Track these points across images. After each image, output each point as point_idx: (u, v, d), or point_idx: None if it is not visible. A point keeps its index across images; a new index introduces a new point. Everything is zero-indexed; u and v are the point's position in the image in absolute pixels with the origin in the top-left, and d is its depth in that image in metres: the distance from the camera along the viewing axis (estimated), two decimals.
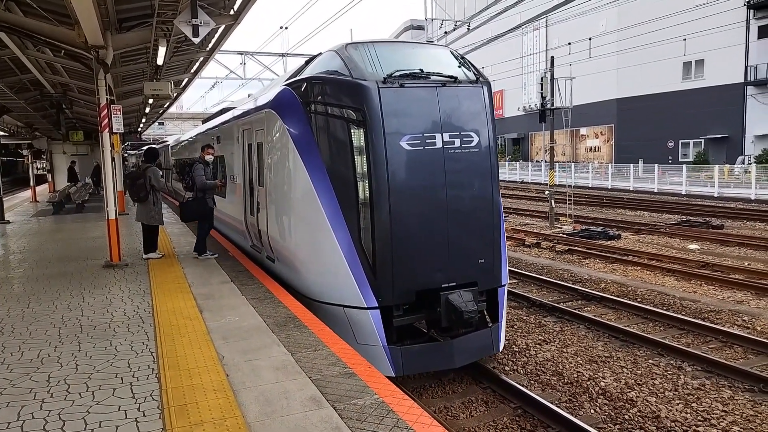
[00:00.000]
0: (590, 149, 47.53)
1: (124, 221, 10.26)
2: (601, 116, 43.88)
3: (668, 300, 9.63)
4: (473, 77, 6.61)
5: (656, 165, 30.61)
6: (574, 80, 19.23)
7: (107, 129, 8.93)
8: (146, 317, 5.94)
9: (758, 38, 33.29)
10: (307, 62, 7.84)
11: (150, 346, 5.00)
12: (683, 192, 27.61)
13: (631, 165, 32.71)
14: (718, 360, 6.82)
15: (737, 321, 8.48)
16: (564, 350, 7.50)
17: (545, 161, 41.18)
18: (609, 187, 32.56)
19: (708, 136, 35.97)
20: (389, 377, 4.59)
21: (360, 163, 5.99)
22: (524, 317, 8.94)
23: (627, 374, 6.68)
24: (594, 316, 8.70)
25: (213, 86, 35.73)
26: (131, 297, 6.84)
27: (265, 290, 6.93)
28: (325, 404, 3.73)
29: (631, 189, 30.84)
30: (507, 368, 6.95)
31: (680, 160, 35.64)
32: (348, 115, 6.09)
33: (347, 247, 6.03)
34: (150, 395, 3.97)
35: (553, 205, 18.94)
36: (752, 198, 24.16)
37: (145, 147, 15.27)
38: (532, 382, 6.57)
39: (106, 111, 8.92)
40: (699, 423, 5.49)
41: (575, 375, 6.69)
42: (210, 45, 12.99)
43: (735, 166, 30.05)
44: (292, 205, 6.98)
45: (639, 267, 12.19)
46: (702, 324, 8.15)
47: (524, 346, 7.67)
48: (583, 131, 47.07)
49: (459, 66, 6.73)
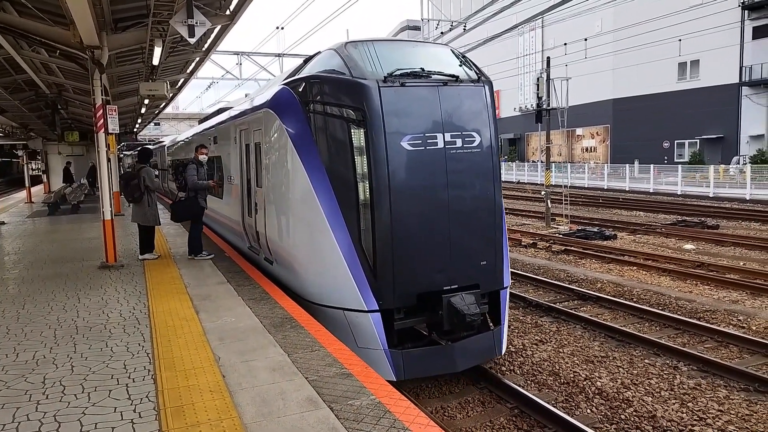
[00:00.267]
0: (586, 149, 47.67)
1: (120, 222, 10.21)
2: (597, 116, 44.04)
3: (664, 300, 9.66)
4: (475, 76, 6.51)
5: (652, 165, 30.72)
6: (570, 81, 19.31)
7: (103, 129, 8.89)
8: (142, 318, 5.92)
9: (753, 39, 33.48)
10: (306, 61, 7.73)
11: (146, 348, 4.98)
12: (679, 192, 27.70)
13: (627, 165, 32.82)
14: (714, 360, 6.84)
15: (732, 321, 8.51)
16: (560, 350, 7.52)
17: (541, 161, 41.28)
18: (605, 188, 32.63)
19: (703, 137, 36.15)
20: (390, 381, 4.50)
21: (360, 164, 5.87)
22: (521, 317, 8.95)
23: (623, 374, 6.69)
24: (590, 316, 8.72)
25: (209, 87, 35.58)
26: (127, 298, 6.81)
27: (262, 291, 6.91)
28: (322, 405, 3.73)
29: (627, 189, 30.93)
30: (504, 368, 6.96)
31: (676, 161, 35.77)
32: (348, 115, 5.98)
33: (347, 249, 5.91)
34: (146, 396, 3.96)
35: (550, 206, 18.98)
36: (747, 198, 24.25)
37: (139, 147, 15.20)
38: (529, 382, 6.58)
39: (102, 111, 8.88)
40: (695, 422, 5.51)
41: (572, 375, 6.71)
42: (206, 45, 12.97)
43: (730, 167, 30.20)
44: (291, 206, 6.85)
45: (635, 267, 12.22)
46: (698, 324, 8.18)
47: (521, 347, 7.68)
48: (579, 131, 47.23)
49: (460, 65, 6.62)
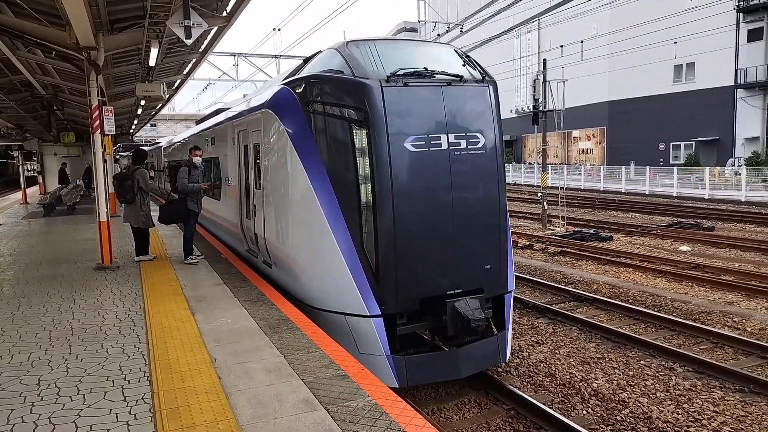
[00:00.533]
0: (582, 151, 47.77)
1: (116, 223, 10.18)
2: (593, 118, 44.13)
3: (660, 301, 9.68)
4: (479, 76, 6.39)
5: (648, 167, 30.81)
6: (567, 83, 19.41)
7: (99, 130, 8.87)
8: (138, 320, 5.90)
9: (748, 41, 33.63)
10: (306, 61, 7.62)
11: (142, 349, 4.97)
12: (674, 194, 27.80)
13: (623, 167, 32.92)
14: (709, 361, 6.87)
15: (728, 322, 8.54)
16: (556, 351, 7.53)
17: (538, 163, 41.36)
18: (601, 189, 32.72)
19: (699, 139, 36.26)
20: (393, 388, 4.38)
21: (362, 165, 5.75)
22: (517, 319, 8.96)
23: (619, 375, 6.71)
24: (586, 318, 8.74)
25: (205, 88, 35.63)
26: (123, 299, 6.79)
27: (258, 292, 6.89)
28: (318, 406, 3.73)
29: (623, 191, 31.03)
30: (500, 370, 6.95)
31: (671, 162, 35.91)
32: (350, 115, 5.85)
33: (348, 252, 5.78)
34: (142, 398, 3.95)
35: (546, 207, 19.02)
36: (742, 200, 24.35)
37: (133, 149, 15.08)
38: (525, 384, 6.58)
39: (98, 112, 8.87)
40: (690, 424, 5.52)
41: (568, 376, 6.72)
42: (202, 46, 12.95)
43: (725, 169, 30.30)
44: (291, 208, 6.72)
45: (631, 268, 12.25)
46: (693, 325, 8.21)
47: (517, 348, 7.69)
48: (576, 133, 47.33)
49: (464, 64, 6.50)
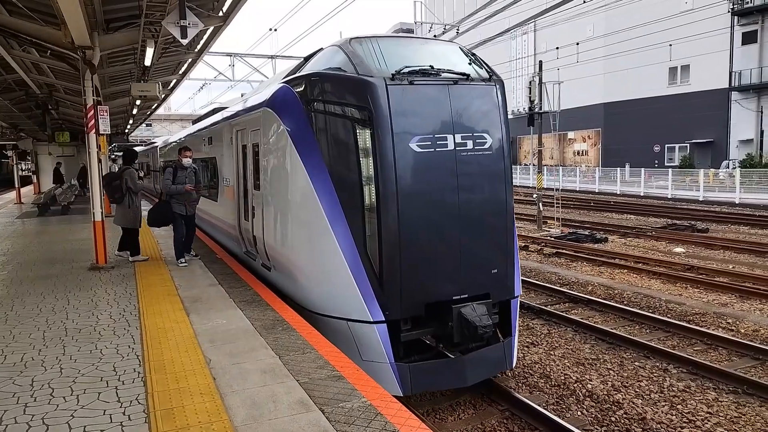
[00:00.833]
0: (578, 153, 47.95)
1: (110, 223, 10.13)
2: (589, 120, 44.31)
3: (654, 303, 9.72)
4: (486, 75, 6.19)
5: (643, 169, 30.92)
6: (562, 84, 19.46)
7: (94, 130, 8.83)
8: (132, 320, 5.87)
9: (742, 44, 33.87)
10: (307, 58, 7.39)
11: (136, 350, 4.95)
12: (669, 196, 27.90)
13: (618, 169, 33.05)
14: (703, 362, 6.90)
15: (722, 323, 8.58)
16: (551, 353, 7.54)
17: (533, 165, 41.41)
18: (596, 191, 32.81)
19: (693, 141, 36.47)
20: (397, 397, 4.23)
21: (366, 166, 5.56)
22: None
23: (613, 376, 6.73)
24: (581, 319, 8.76)
25: (201, 88, 35.51)
26: (117, 300, 6.77)
27: (253, 293, 6.88)
28: (313, 407, 3.72)
29: (618, 192, 31.12)
30: None
31: (666, 164, 36.06)
32: (353, 114, 5.67)
33: (351, 256, 5.59)
34: (136, 399, 3.93)
35: (541, 209, 19.06)
36: (736, 202, 24.46)
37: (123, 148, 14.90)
38: (520, 385, 6.59)
39: (93, 112, 8.82)
40: (684, 425, 5.54)
41: (562, 377, 6.73)
42: (198, 46, 12.94)
43: (720, 171, 30.47)
44: (291, 210, 6.52)
45: (625, 270, 12.29)
46: (687, 326, 8.23)
47: None
48: (571, 135, 47.51)
49: (470, 63, 6.30)
